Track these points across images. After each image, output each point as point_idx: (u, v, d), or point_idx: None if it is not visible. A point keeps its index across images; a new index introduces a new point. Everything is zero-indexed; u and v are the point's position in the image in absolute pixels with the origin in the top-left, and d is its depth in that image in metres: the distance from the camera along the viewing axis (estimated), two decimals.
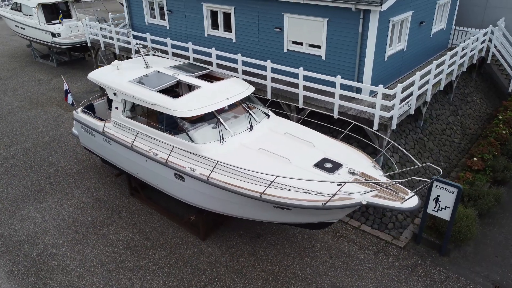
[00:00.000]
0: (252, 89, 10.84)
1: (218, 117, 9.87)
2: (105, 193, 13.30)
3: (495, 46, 17.85)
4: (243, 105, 10.61)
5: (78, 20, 25.31)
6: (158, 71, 11.48)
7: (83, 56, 26.85)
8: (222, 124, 9.81)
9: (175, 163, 9.64)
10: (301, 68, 12.61)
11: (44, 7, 24.47)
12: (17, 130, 17.60)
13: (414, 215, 12.04)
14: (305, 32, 13.55)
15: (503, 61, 17.94)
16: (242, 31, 15.36)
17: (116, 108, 11.20)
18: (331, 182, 8.31)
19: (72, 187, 13.64)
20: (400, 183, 11.51)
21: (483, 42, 17.50)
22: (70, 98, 12.68)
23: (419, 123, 14.19)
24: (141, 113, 11.48)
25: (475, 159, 13.42)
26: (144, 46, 17.45)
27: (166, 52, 17.13)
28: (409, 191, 8.02)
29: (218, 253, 10.84)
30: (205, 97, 10.06)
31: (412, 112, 12.55)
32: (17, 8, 25.90)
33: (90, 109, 13.08)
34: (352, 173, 8.59)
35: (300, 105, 13.07)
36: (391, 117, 11.67)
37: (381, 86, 11.14)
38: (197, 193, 9.74)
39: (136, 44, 11.79)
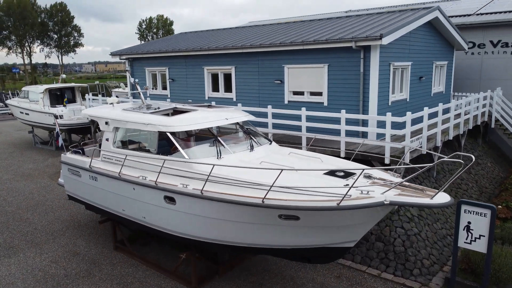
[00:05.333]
0: (251, 116, 10.24)
1: (216, 135, 9.06)
2: (86, 248, 11.68)
3: (496, 111, 17.77)
4: (243, 130, 9.88)
5: (82, 105, 25.87)
6: (155, 105, 11.00)
7: (83, 140, 26.79)
8: (221, 143, 8.94)
9: (166, 182, 8.52)
10: (304, 109, 12.18)
11: (51, 92, 25.24)
12: (1, 196, 16.42)
13: (443, 262, 10.34)
14: (306, 80, 13.48)
15: (508, 125, 17.66)
16: (242, 89, 15.37)
17: (107, 139, 10.43)
18: (345, 185, 7.16)
19: (49, 243, 12.05)
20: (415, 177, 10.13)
21: (484, 106, 17.46)
22: (60, 141, 11.97)
23: (432, 173, 13.21)
24: (132, 144, 10.66)
25: (499, 207, 12.14)
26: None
27: None
28: (437, 190, 6.82)
29: None
30: (202, 116, 9.41)
31: (424, 151, 11.72)
32: (25, 96, 26.73)
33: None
34: (369, 177, 7.46)
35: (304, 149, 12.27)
36: (403, 151, 10.82)
37: (389, 114, 10.55)
38: (189, 218, 8.39)
39: (135, 81, 11.55)
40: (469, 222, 8.67)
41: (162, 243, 11.77)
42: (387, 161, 10.66)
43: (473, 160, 6.30)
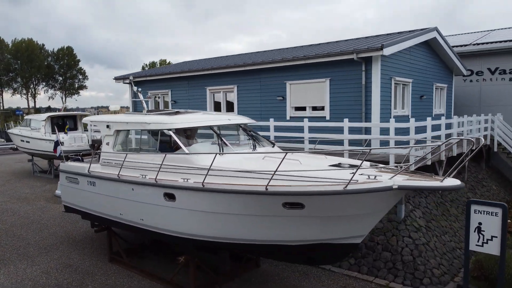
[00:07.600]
0: (253, 120, 10.20)
1: (218, 133, 8.95)
2: (79, 260, 11.19)
3: (498, 134, 17.73)
4: (245, 133, 9.79)
5: (83, 133, 25.88)
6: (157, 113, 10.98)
7: None
8: (223, 141, 8.82)
9: (166, 179, 8.30)
10: (306, 120, 12.14)
11: (53, 120, 25.34)
12: None
13: (453, 273, 9.86)
14: (308, 95, 13.55)
15: (511, 148, 17.54)
16: (245, 107, 15.42)
17: (107, 143, 10.29)
18: (351, 173, 6.94)
19: (42, 256, 11.56)
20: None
21: (485, 129, 17.44)
22: (59, 150, 11.81)
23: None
24: (133, 146, 10.55)
25: (509, 221, 11.75)
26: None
27: None
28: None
29: None
30: (204, 116, 9.39)
31: (429, 161, 11.54)
32: (27, 124, 26.83)
33: None
34: (375, 167, 7.27)
35: None
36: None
37: (392, 120, 10.49)
38: (189, 214, 8.07)
39: (137, 90, 11.58)
40: (480, 223, 8.34)
41: (159, 255, 11.31)
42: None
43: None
